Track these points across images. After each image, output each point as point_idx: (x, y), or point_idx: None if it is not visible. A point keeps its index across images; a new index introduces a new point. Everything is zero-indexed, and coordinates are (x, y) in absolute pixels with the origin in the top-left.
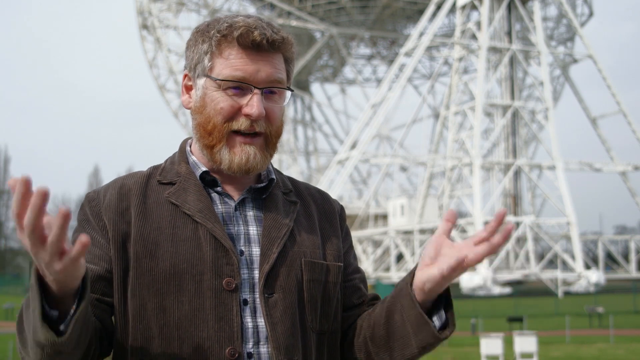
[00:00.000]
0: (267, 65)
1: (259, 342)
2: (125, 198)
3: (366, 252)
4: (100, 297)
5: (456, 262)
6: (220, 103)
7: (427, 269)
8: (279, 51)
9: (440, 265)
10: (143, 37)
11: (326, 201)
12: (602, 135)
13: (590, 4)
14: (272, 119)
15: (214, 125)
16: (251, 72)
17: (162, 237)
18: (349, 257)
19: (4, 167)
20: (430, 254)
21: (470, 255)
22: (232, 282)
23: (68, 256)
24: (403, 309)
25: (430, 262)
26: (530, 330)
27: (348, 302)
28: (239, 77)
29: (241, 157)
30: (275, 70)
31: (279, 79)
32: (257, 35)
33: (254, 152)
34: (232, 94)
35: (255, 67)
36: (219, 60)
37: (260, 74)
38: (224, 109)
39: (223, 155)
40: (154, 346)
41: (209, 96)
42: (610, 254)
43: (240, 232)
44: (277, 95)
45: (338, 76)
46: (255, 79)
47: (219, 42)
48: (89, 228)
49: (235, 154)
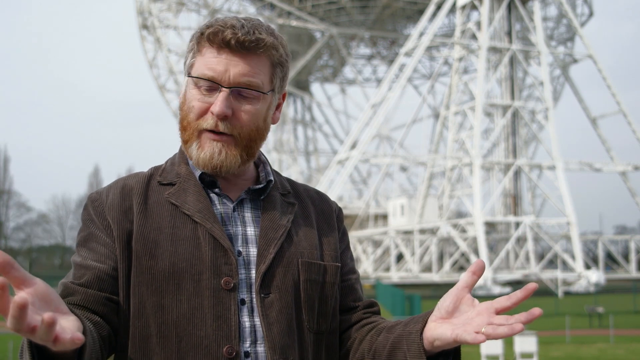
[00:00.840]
0: (237, 66)
1: (256, 342)
2: (128, 197)
3: (366, 252)
4: (110, 295)
5: (472, 341)
6: (192, 101)
7: (441, 327)
8: (257, 53)
9: (456, 332)
10: (143, 37)
11: (324, 202)
12: (602, 135)
13: (590, 4)
14: (240, 120)
15: (188, 122)
16: (220, 71)
17: (162, 236)
18: (346, 258)
19: (3, 167)
20: (447, 308)
21: (489, 331)
22: (230, 282)
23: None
24: (409, 353)
25: (447, 316)
26: (530, 330)
27: (343, 303)
28: (208, 76)
29: (206, 154)
30: (246, 71)
31: (250, 81)
32: (227, 35)
33: (219, 150)
34: (205, 93)
35: (224, 66)
36: (198, 59)
37: (227, 74)
38: (194, 106)
39: (192, 150)
40: (152, 344)
41: (188, 93)
42: (610, 254)
43: (238, 232)
44: (254, 97)
45: (338, 76)
46: (223, 78)
47: (199, 40)
48: (93, 227)
49: (202, 150)
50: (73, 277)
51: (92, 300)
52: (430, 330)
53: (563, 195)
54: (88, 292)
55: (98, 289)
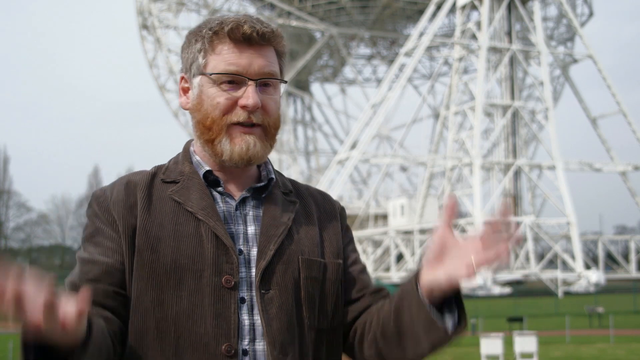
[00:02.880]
0: (259, 58)
1: (254, 339)
2: (133, 193)
3: (366, 252)
4: (118, 289)
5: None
6: (216, 98)
7: (434, 273)
8: (270, 44)
9: (448, 273)
10: (143, 37)
11: (327, 201)
12: (602, 135)
13: (590, 4)
14: (268, 110)
15: (212, 120)
16: (244, 65)
17: (164, 232)
18: (348, 250)
19: (3, 167)
20: (435, 252)
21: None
22: (231, 280)
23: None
24: (411, 309)
25: (436, 261)
26: (530, 330)
27: (348, 294)
28: (233, 71)
29: (241, 147)
30: (268, 63)
31: (272, 71)
32: (248, 29)
33: (254, 141)
34: (227, 89)
35: (247, 60)
36: (212, 57)
37: (253, 67)
38: (220, 103)
39: (224, 146)
40: (149, 339)
41: (205, 93)
42: (610, 254)
43: (240, 231)
44: (272, 87)
45: (338, 76)
46: (249, 72)
47: (211, 39)
48: (99, 222)
49: (235, 144)
50: (80, 272)
51: (102, 294)
52: (425, 281)
53: (563, 195)
54: (97, 287)
55: (107, 283)
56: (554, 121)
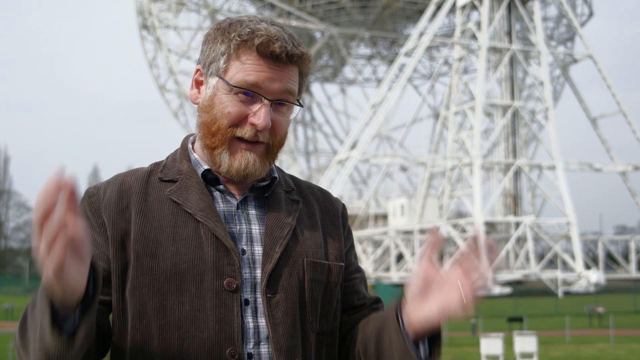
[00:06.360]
0: (281, 77)
1: (259, 343)
2: (126, 196)
3: (366, 252)
4: (101, 297)
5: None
6: (228, 107)
7: (423, 309)
8: (295, 65)
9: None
10: (143, 37)
11: (328, 200)
12: (602, 135)
13: (590, 4)
14: (277, 130)
15: (218, 128)
16: (264, 81)
17: (163, 235)
18: (350, 257)
19: (3, 167)
20: (418, 287)
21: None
22: (233, 283)
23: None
24: (391, 335)
25: (421, 296)
26: (530, 330)
27: (348, 302)
28: (252, 83)
29: (240, 163)
30: (288, 83)
31: (291, 91)
32: (277, 48)
33: (254, 159)
34: (242, 100)
35: (269, 77)
36: (234, 64)
37: (273, 85)
38: (231, 113)
39: (223, 158)
40: (154, 346)
41: (219, 97)
42: (610, 254)
43: (243, 230)
44: (286, 107)
45: (338, 76)
46: (268, 90)
47: (238, 46)
48: (87, 224)
49: (235, 159)
50: None
51: None
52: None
53: (563, 195)
54: None
55: None
56: (554, 121)
